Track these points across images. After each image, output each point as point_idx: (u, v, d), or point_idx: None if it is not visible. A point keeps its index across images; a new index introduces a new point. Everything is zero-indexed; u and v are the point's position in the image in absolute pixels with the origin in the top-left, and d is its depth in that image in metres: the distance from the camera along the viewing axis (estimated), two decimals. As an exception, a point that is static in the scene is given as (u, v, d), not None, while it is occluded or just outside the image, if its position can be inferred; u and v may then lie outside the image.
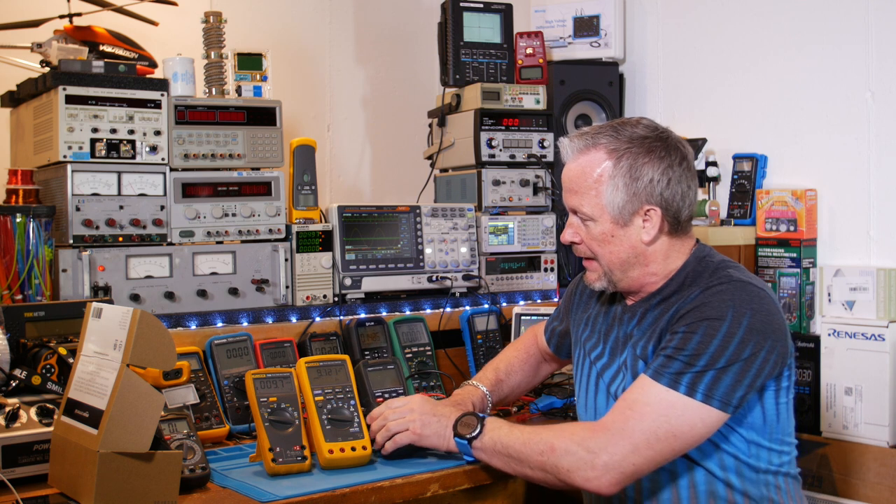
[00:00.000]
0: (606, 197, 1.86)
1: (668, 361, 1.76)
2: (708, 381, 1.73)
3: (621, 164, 1.86)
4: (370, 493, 1.87)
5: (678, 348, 1.77)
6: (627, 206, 1.86)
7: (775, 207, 2.90)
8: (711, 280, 1.85)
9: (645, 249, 1.90)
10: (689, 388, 1.73)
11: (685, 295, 1.87)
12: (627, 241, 1.89)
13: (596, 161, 1.88)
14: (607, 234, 1.89)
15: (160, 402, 1.70)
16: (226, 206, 2.59)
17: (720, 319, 1.76)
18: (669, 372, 1.75)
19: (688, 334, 1.77)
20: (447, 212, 2.92)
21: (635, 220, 1.88)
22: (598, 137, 1.90)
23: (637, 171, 1.86)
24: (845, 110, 2.84)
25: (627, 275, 1.92)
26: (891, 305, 2.66)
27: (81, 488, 1.67)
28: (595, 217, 1.89)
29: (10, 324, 2.07)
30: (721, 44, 3.20)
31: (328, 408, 2.02)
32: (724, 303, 1.78)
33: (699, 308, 1.80)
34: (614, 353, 1.98)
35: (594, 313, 2.09)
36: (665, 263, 1.92)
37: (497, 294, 2.96)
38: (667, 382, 1.75)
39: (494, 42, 3.23)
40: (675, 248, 1.92)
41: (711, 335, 1.75)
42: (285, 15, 3.50)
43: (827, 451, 2.69)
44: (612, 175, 1.86)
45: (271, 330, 2.53)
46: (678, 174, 1.88)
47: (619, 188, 1.86)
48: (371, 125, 3.74)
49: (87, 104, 2.43)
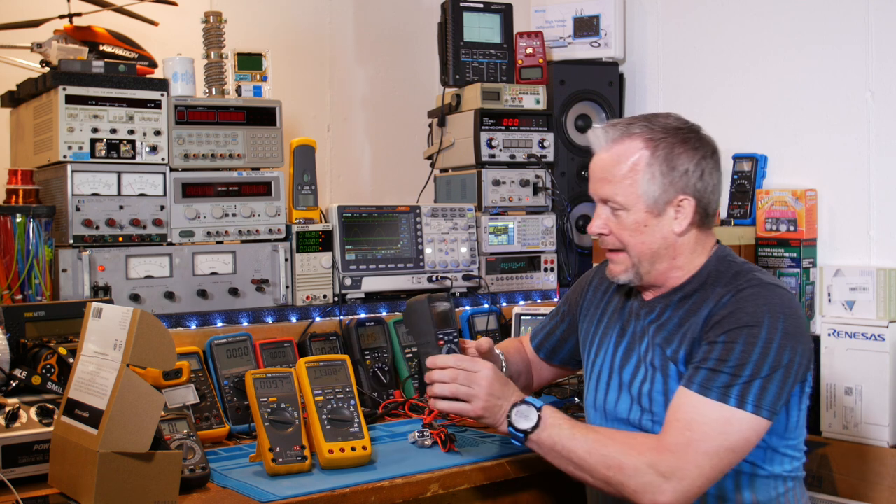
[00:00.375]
0: (642, 186, 1.86)
1: (714, 375, 1.75)
2: (756, 392, 1.73)
3: (658, 153, 1.86)
4: (370, 493, 1.87)
5: (721, 360, 1.75)
6: (663, 195, 1.86)
7: (775, 207, 2.90)
8: (740, 283, 1.85)
9: (675, 240, 1.89)
10: (739, 400, 1.73)
11: (708, 295, 1.87)
12: (660, 232, 1.88)
13: (632, 149, 1.87)
14: (640, 224, 1.88)
15: (160, 402, 1.70)
16: (226, 206, 2.59)
17: (758, 326, 1.76)
18: (717, 386, 1.74)
19: (728, 344, 1.76)
20: (447, 212, 2.92)
21: (668, 211, 1.87)
22: (632, 127, 1.90)
23: (673, 161, 1.86)
24: (845, 110, 2.83)
25: (655, 267, 1.91)
26: (891, 305, 2.66)
27: (81, 488, 1.67)
28: (629, 206, 1.87)
29: (10, 324, 2.07)
30: (721, 44, 3.19)
31: (328, 408, 2.02)
32: (759, 308, 1.78)
33: (734, 314, 1.79)
34: (631, 348, 1.96)
35: (610, 309, 2.07)
36: (691, 257, 1.92)
37: (497, 294, 2.96)
38: (716, 397, 1.73)
39: (494, 42, 3.23)
40: (700, 242, 1.93)
41: (752, 343, 1.75)
42: (285, 15, 3.50)
43: (827, 451, 2.68)
44: (650, 163, 1.86)
45: (271, 330, 2.53)
46: (710, 166, 1.90)
47: (656, 177, 1.85)
48: (371, 125, 3.74)
49: (87, 104, 2.43)
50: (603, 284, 2.12)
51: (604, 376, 2.00)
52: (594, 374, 2.03)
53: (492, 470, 2.04)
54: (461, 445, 2.15)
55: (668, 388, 1.86)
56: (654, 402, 1.87)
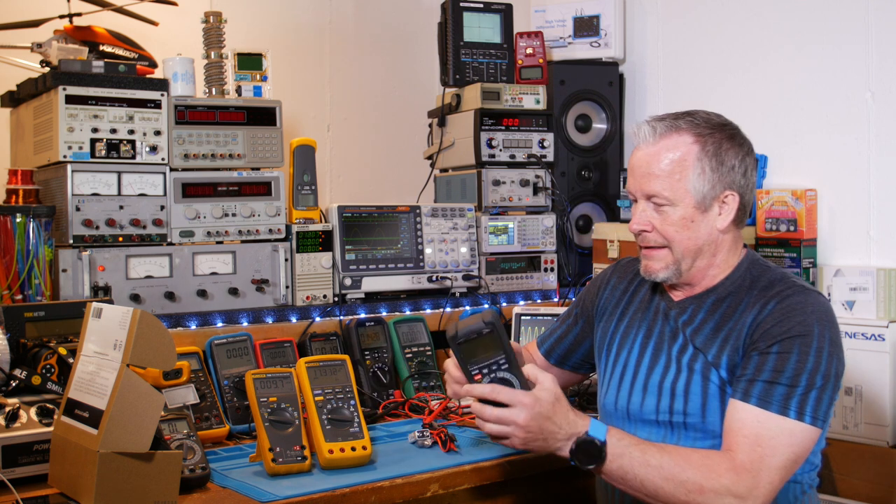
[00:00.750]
0: (691, 180, 1.84)
1: (771, 387, 1.74)
2: (812, 403, 1.73)
3: (708, 148, 1.85)
4: (370, 493, 1.87)
5: (776, 370, 1.75)
6: (711, 190, 1.85)
7: (775, 207, 2.90)
8: (781, 289, 1.84)
9: (718, 237, 1.88)
10: (798, 412, 1.73)
11: (743, 298, 1.86)
12: (705, 228, 1.87)
13: (681, 144, 1.86)
14: (687, 220, 1.86)
15: (160, 402, 1.70)
16: (226, 206, 2.59)
17: (809, 335, 1.76)
18: (776, 398, 1.73)
19: (782, 354, 1.76)
20: (447, 212, 2.92)
21: (714, 206, 1.87)
22: (679, 122, 1.89)
23: (722, 156, 1.86)
24: (845, 110, 2.83)
25: (696, 264, 1.89)
26: (891, 305, 2.66)
27: (81, 488, 1.67)
28: (676, 201, 1.85)
29: (10, 324, 2.07)
30: (721, 44, 3.19)
31: (328, 408, 2.02)
32: (808, 316, 1.78)
33: (783, 323, 1.78)
34: (660, 348, 1.94)
35: (631, 309, 2.04)
36: (728, 256, 1.91)
37: (497, 294, 2.96)
38: (777, 410, 1.73)
39: (494, 42, 3.23)
40: (737, 241, 1.93)
41: (806, 353, 1.75)
42: (285, 15, 3.50)
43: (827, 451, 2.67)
44: (699, 158, 1.85)
45: (271, 330, 2.53)
46: (751, 163, 1.91)
47: (706, 171, 1.84)
48: (371, 125, 3.74)
49: (87, 104, 2.43)
50: (622, 284, 2.09)
51: (627, 377, 1.97)
52: (615, 375, 2.00)
53: (492, 470, 2.04)
54: (461, 445, 2.15)
55: (707, 391, 1.84)
56: (690, 402, 1.86)
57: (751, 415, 1.75)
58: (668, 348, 1.93)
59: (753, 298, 1.85)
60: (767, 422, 1.73)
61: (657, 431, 1.90)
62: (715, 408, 1.83)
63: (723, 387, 1.83)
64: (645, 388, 1.93)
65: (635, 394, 1.94)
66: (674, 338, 1.93)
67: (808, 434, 1.74)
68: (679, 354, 1.90)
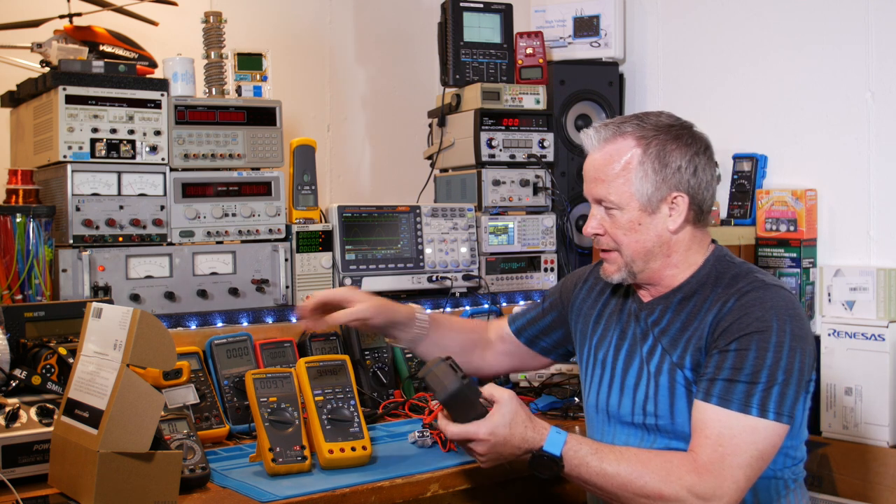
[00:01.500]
0: (635, 184, 1.85)
1: (731, 385, 1.74)
2: (775, 398, 1.73)
3: (650, 151, 1.85)
4: (370, 493, 1.87)
5: (736, 368, 1.74)
6: (656, 193, 1.85)
7: (775, 207, 2.90)
8: (741, 285, 1.84)
9: (670, 238, 1.88)
10: (760, 409, 1.72)
11: (708, 296, 1.86)
12: (654, 230, 1.87)
13: (624, 148, 1.86)
14: (634, 223, 1.87)
15: (160, 402, 1.70)
16: (226, 206, 2.59)
17: (767, 331, 1.75)
18: (737, 396, 1.73)
19: (740, 352, 1.75)
20: (447, 212, 2.92)
21: (662, 208, 1.86)
22: (624, 126, 1.89)
23: (666, 158, 1.85)
24: (845, 110, 2.83)
25: (649, 265, 1.89)
26: (891, 305, 2.66)
27: (81, 488, 1.67)
28: (622, 205, 1.86)
29: (10, 324, 2.07)
30: (721, 44, 3.19)
31: (328, 408, 2.02)
32: (766, 311, 1.77)
33: (741, 320, 1.78)
34: (633, 351, 1.94)
35: (607, 311, 2.05)
36: (686, 255, 1.91)
37: (497, 294, 2.96)
38: (738, 408, 1.72)
39: (494, 42, 3.23)
40: (696, 240, 1.92)
41: (764, 349, 1.74)
42: (285, 15, 3.50)
43: (827, 451, 2.68)
44: (641, 161, 1.85)
45: (271, 330, 2.53)
46: (703, 162, 1.89)
47: (648, 174, 1.85)
48: (371, 125, 3.74)
49: (87, 104, 2.43)
50: (598, 285, 2.10)
51: (605, 378, 1.98)
52: (595, 375, 2.02)
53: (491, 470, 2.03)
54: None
55: (674, 392, 1.85)
56: (659, 405, 1.86)
57: (712, 414, 1.74)
58: (639, 349, 1.93)
59: (717, 295, 1.85)
60: (728, 420, 1.73)
61: (635, 433, 1.91)
62: (682, 409, 1.83)
63: (689, 387, 1.83)
64: (621, 389, 1.94)
65: (613, 395, 1.96)
66: (644, 339, 1.93)
67: (773, 430, 1.73)
68: (648, 356, 1.91)
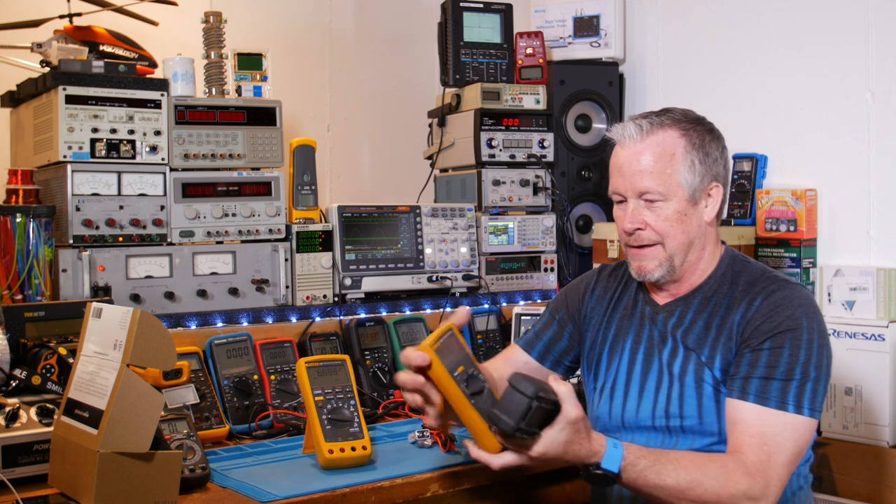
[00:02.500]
0: (683, 174, 1.86)
1: (767, 383, 1.75)
2: (809, 395, 1.75)
3: (694, 141, 1.88)
4: (370, 493, 1.87)
5: (770, 366, 1.76)
6: (700, 183, 1.88)
7: (775, 207, 2.90)
8: (768, 284, 1.86)
9: (706, 230, 1.91)
10: (796, 405, 1.74)
11: (727, 293, 1.88)
12: (696, 220, 1.89)
13: (669, 139, 1.88)
14: (681, 213, 1.87)
15: (160, 402, 1.70)
16: (226, 206, 2.59)
17: (798, 329, 1.78)
18: (773, 394, 1.75)
19: (775, 350, 1.77)
20: (447, 212, 2.92)
21: (702, 199, 1.90)
22: (662, 118, 1.91)
23: (707, 147, 1.89)
24: (845, 110, 2.83)
25: (688, 258, 1.90)
26: (891, 305, 2.66)
27: (81, 488, 1.67)
28: (669, 196, 1.86)
29: (10, 324, 2.07)
30: (721, 44, 3.19)
31: (328, 408, 2.02)
32: (796, 309, 1.80)
33: (773, 318, 1.80)
34: (651, 354, 1.93)
35: (616, 317, 2.03)
36: (714, 250, 1.94)
37: (497, 294, 2.96)
38: (776, 405, 1.74)
39: (494, 42, 3.23)
40: (718, 235, 1.96)
41: (797, 346, 1.77)
42: (285, 15, 3.50)
43: (827, 451, 2.68)
44: (688, 150, 1.87)
45: (271, 330, 2.53)
46: (728, 156, 1.96)
47: (695, 164, 1.87)
48: (371, 125, 3.74)
49: (87, 104, 2.43)
50: (607, 293, 2.08)
51: (619, 386, 1.96)
52: (606, 385, 1.99)
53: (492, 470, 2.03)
54: (461, 445, 2.15)
55: (701, 392, 1.85)
56: (686, 406, 1.86)
57: (751, 413, 1.75)
58: (658, 353, 1.92)
59: (739, 294, 1.87)
60: (769, 419, 1.74)
61: (655, 436, 1.90)
62: (711, 408, 1.84)
63: (717, 387, 1.83)
64: (640, 395, 1.93)
65: (630, 402, 1.94)
66: (663, 342, 1.92)
67: (808, 426, 1.76)
68: (670, 359, 1.90)
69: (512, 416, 1.54)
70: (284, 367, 2.42)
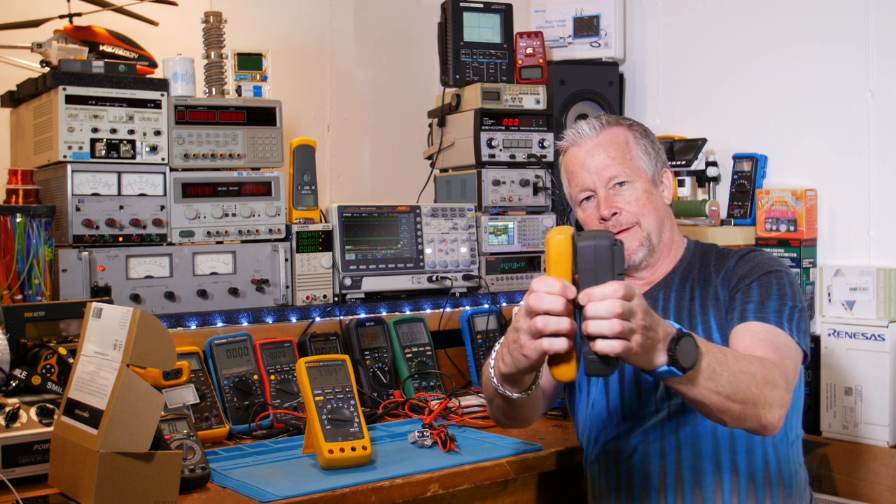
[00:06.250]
0: (641, 158, 2.02)
1: (763, 304, 1.84)
2: (797, 319, 1.84)
3: (639, 133, 2.06)
4: (370, 493, 1.87)
5: (764, 293, 1.87)
6: (654, 167, 2.04)
7: (775, 207, 2.90)
8: (736, 251, 2.01)
9: (668, 211, 2.06)
10: (788, 326, 1.82)
11: (702, 269, 2.00)
12: (660, 200, 2.03)
13: (619, 132, 2.04)
14: (647, 192, 2.01)
15: (160, 402, 1.70)
16: (226, 206, 2.59)
17: (780, 271, 1.91)
18: (771, 312, 1.83)
19: (764, 285, 1.88)
20: (447, 212, 2.92)
21: (659, 182, 2.05)
22: (605, 120, 2.07)
23: (651, 138, 2.07)
24: (845, 110, 2.83)
25: (662, 237, 2.02)
26: (891, 305, 2.66)
27: (81, 488, 1.67)
28: (633, 178, 2.00)
29: (10, 324, 2.07)
30: (721, 43, 3.19)
31: (328, 408, 2.02)
32: (770, 260, 1.95)
33: (755, 267, 1.93)
34: None
35: None
36: (678, 234, 2.08)
37: (497, 294, 2.96)
38: (774, 322, 1.83)
39: (494, 42, 3.23)
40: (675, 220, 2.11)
41: (782, 282, 1.89)
42: (285, 15, 3.50)
43: (827, 451, 2.68)
44: (637, 140, 2.04)
45: (271, 330, 2.53)
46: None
47: (648, 150, 2.04)
48: (371, 125, 3.73)
49: (87, 104, 2.43)
50: None
51: (613, 380, 1.96)
52: (599, 381, 1.99)
53: (492, 470, 2.04)
54: (461, 445, 2.15)
55: None
56: None
57: (756, 327, 1.82)
58: None
59: (713, 267, 2.00)
60: (773, 330, 1.82)
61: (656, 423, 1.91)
62: None
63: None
64: (637, 383, 1.94)
65: (627, 392, 1.95)
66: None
67: (799, 353, 1.82)
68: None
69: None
70: (284, 367, 2.42)
